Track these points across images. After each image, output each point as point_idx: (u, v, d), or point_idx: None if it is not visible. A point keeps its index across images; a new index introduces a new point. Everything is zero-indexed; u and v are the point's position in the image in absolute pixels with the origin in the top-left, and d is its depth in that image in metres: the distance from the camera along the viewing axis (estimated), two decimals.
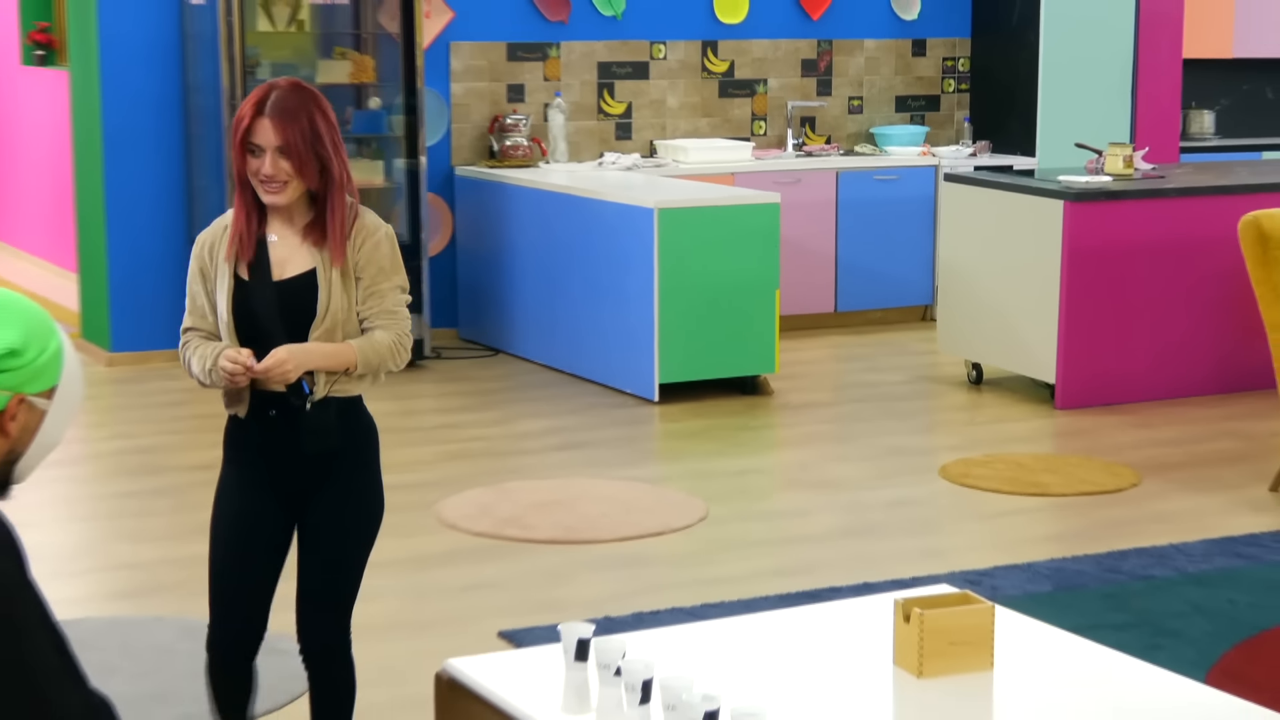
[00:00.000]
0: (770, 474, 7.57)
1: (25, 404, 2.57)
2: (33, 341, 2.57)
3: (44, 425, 2.61)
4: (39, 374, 2.58)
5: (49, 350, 2.59)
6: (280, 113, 3.87)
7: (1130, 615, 5.60)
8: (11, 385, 2.55)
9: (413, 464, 7.53)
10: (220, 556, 4.05)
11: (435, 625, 5.55)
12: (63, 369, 2.62)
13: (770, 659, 3.82)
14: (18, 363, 2.55)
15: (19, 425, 2.58)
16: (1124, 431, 8.19)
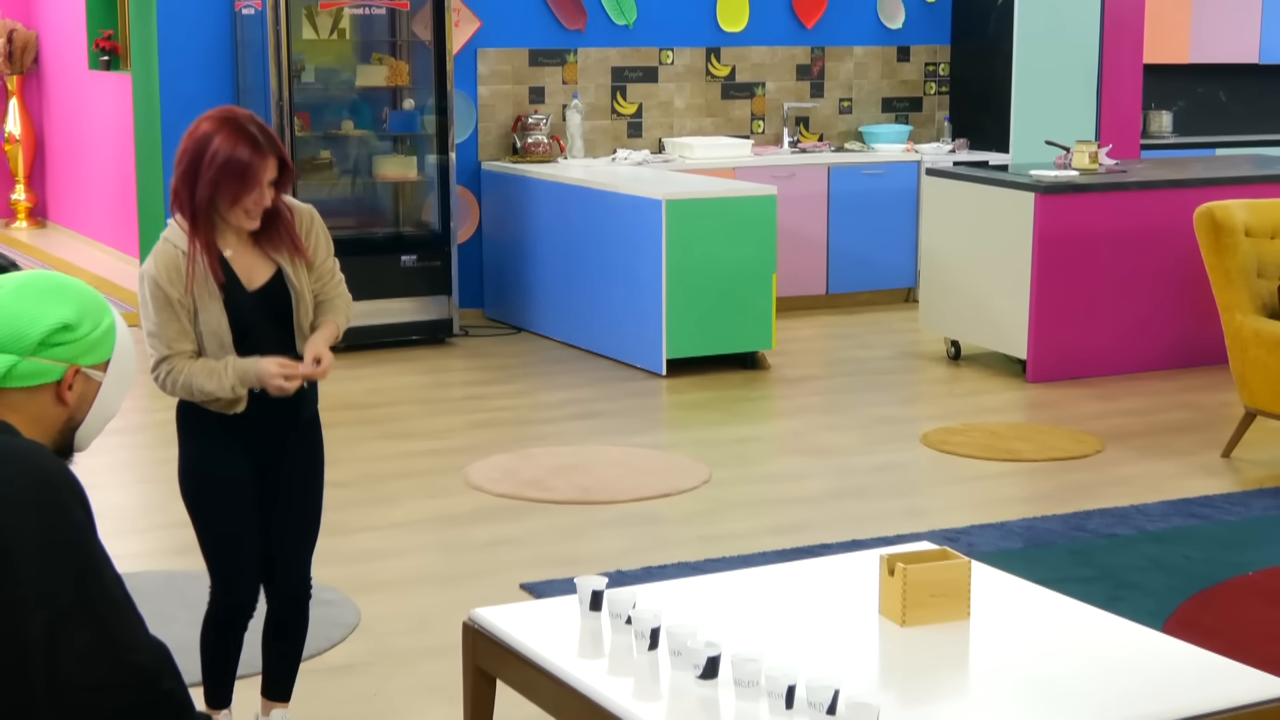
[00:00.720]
0: (768, 441, 7.56)
1: (81, 375, 2.59)
2: (86, 318, 2.60)
3: (100, 396, 2.63)
4: (93, 347, 2.60)
5: (102, 326, 2.62)
6: (274, 147, 3.81)
7: (1094, 569, 5.58)
8: (67, 357, 2.57)
9: (443, 432, 7.52)
10: (226, 523, 3.93)
11: (463, 578, 5.54)
12: (116, 344, 2.64)
13: (767, 609, 3.81)
14: (72, 336, 2.57)
15: (76, 395, 2.60)
16: (1089, 403, 8.17)
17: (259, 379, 3.82)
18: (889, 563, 3.68)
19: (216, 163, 3.78)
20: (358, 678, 4.71)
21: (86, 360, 2.60)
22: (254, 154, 3.78)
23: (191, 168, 3.82)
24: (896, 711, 3.18)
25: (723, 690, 3.28)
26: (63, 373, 2.57)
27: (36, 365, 2.55)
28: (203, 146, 3.80)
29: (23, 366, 2.54)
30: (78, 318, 2.59)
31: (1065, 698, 3.30)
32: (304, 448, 4.02)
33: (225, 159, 3.78)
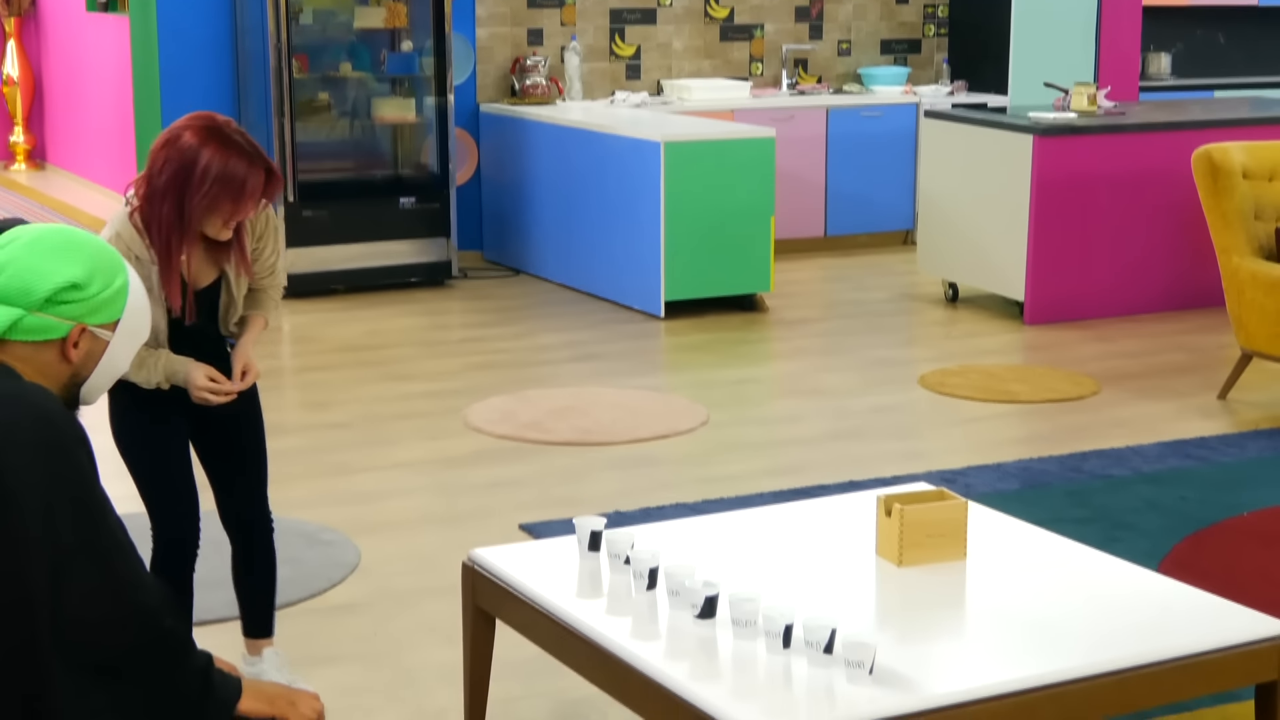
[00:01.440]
0: (765, 383, 7.56)
1: (88, 334, 2.59)
2: (97, 277, 2.59)
3: (107, 354, 2.63)
4: (101, 307, 2.60)
5: (113, 286, 2.61)
6: (262, 158, 3.74)
7: (1090, 510, 5.60)
8: (74, 315, 2.57)
9: (442, 374, 7.53)
10: (156, 459, 3.91)
11: (462, 519, 5.56)
12: (127, 304, 2.63)
13: (765, 549, 3.82)
14: (80, 295, 2.57)
15: (82, 353, 2.59)
16: (1086, 345, 8.17)
17: (185, 383, 3.81)
18: (886, 503, 3.69)
19: (210, 177, 3.65)
20: (358, 617, 4.72)
21: (94, 319, 2.60)
22: (249, 168, 3.69)
23: (178, 182, 3.68)
24: (893, 651, 3.20)
25: (720, 630, 3.30)
26: (68, 330, 2.57)
27: (42, 321, 2.55)
28: (190, 160, 3.66)
29: (28, 321, 2.54)
30: (87, 277, 2.58)
31: (1061, 637, 3.32)
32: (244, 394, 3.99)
33: (220, 174, 3.66)
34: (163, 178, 3.70)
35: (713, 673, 3.14)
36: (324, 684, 4.24)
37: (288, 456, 6.14)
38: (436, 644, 4.50)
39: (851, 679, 3.05)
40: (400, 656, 4.45)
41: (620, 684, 3.26)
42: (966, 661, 3.23)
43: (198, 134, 3.70)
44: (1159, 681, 3.25)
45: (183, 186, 3.69)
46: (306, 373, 7.61)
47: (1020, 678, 3.13)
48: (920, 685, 3.07)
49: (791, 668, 3.13)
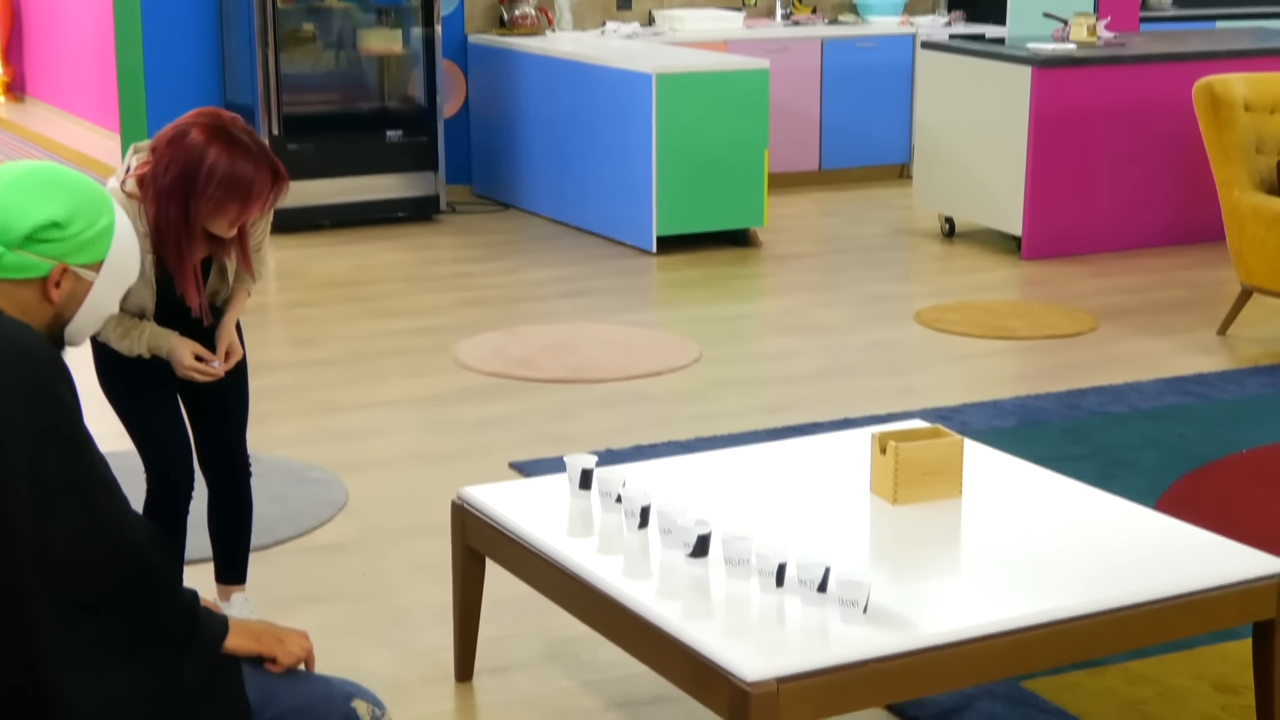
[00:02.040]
0: (759, 319, 7.56)
1: (70, 274, 2.57)
2: (79, 216, 2.56)
3: (91, 295, 2.60)
4: (84, 247, 2.57)
5: (96, 226, 2.58)
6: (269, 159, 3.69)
7: (1088, 448, 5.61)
8: (55, 254, 2.55)
9: (431, 310, 7.52)
10: (145, 403, 3.92)
11: (451, 457, 5.56)
12: (112, 245, 2.60)
13: (757, 487, 3.83)
14: (60, 234, 2.54)
15: (64, 293, 2.57)
16: (1084, 280, 8.16)
17: (170, 358, 3.81)
18: (881, 441, 3.70)
19: (216, 179, 3.61)
20: (346, 557, 4.74)
21: (76, 259, 2.57)
22: (256, 170, 3.64)
23: (184, 183, 3.63)
24: (887, 589, 3.21)
25: (713, 569, 3.31)
26: (49, 269, 2.55)
27: (21, 259, 2.53)
28: (196, 160, 3.61)
29: (7, 259, 2.52)
30: (69, 216, 2.55)
31: (1057, 575, 3.33)
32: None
33: (226, 176, 3.61)
34: (168, 177, 3.65)
35: (705, 612, 3.15)
36: (312, 623, 4.25)
37: (274, 394, 6.14)
38: (426, 583, 4.51)
39: (845, 618, 3.06)
40: (389, 596, 4.46)
41: (611, 623, 3.27)
42: (962, 600, 3.24)
43: (204, 132, 3.64)
44: (1156, 620, 3.27)
45: (188, 188, 3.63)
46: (292, 309, 7.60)
47: (1016, 616, 3.14)
48: (915, 624, 3.08)
49: (785, 607, 3.14)
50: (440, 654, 4.07)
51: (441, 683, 3.96)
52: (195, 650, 2.53)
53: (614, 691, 3.91)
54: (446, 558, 4.25)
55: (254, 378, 4.16)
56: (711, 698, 2.98)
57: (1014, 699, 3.78)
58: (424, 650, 4.13)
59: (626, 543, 3.48)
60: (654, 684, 3.90)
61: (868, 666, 2.98)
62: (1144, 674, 3.93)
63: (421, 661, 4.07)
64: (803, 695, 2.92)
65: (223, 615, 2.61)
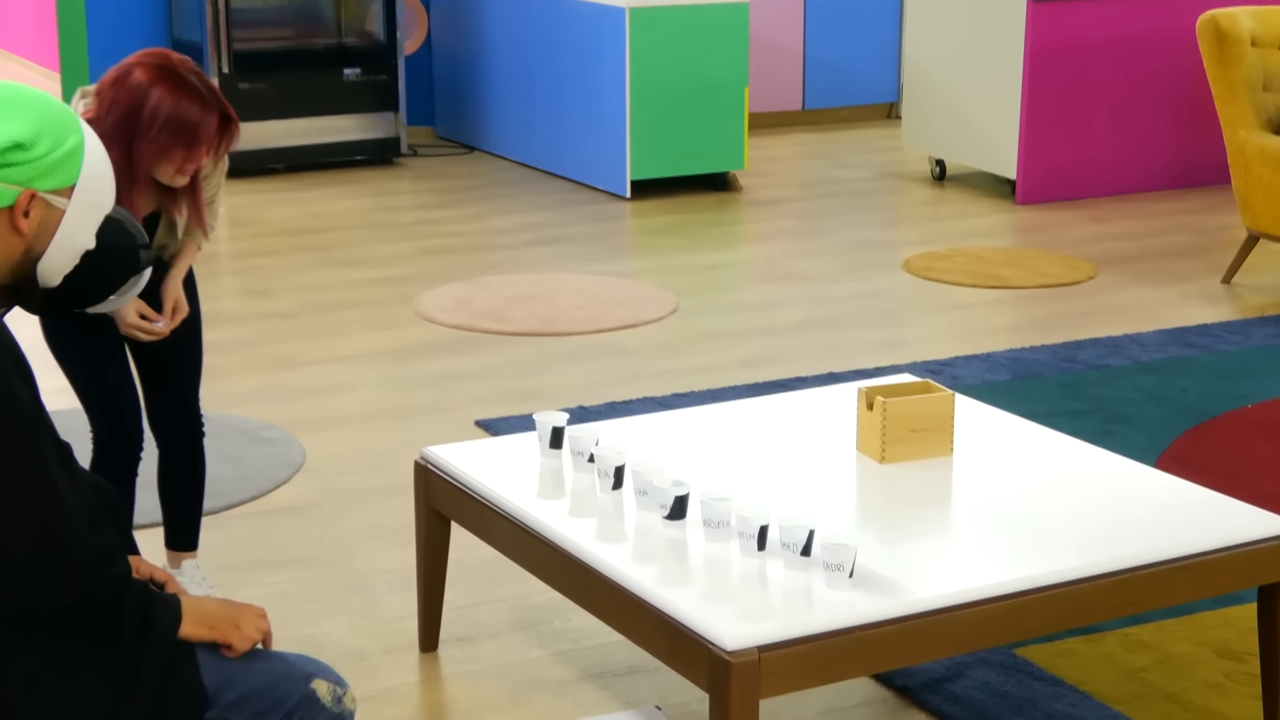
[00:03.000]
0: (739, 268, 7.55)
1: (39, 200, 2.44)
2: (45, 135, 2.44)
3: (64, 225, 2.47)
4: (52, 170, 2.44)
5: (64, 146, 2.45)
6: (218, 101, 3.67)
7: (1085, 403, 5.63)
8: (20, 180, 2.42)
9: (391, 259, 7.50)
10: (91, 358, 3.91)
11: (414, 414, 5.56)
12: (83, 167, 2.47)
13: (738, 446, 3.83)
14: (25, 156, 2.41)
15: (34, 223, 2.44)
16: (1081, 226, 8.17)
17: (113, 314, 3.79)
18: (868, 396, 3.70)
19: (160, 120, 3.59)
20: (304, 520, 4.74)
21: (45, 184, 2.43)
22: (203, 112, 3.62)
23: (127, 125, 3.62)
24: (875, 551, 3.22)
25: (691, 531, 3.31)
26: (16, 196, 2.41)
27: None
28: (139, 101, 3.60)
29: None
30: (34, 135, 2.42)
31: (1052, 536, 3.34)
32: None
33: (170, 117, 3.60)
34: (110, 119, 3.63)
35: (683, 577, 3.16)
36: (268, 590, 4.26)
37: (226, 348, 6.13)
38: (388, 547, 4.52)
39: (830, 582, 3.07)
40: (349, 561, 4.46)
41: (584, 589, 3.28)
42: (953, 563, 3.25)
43: (149, 72, 3.62)
44: (1156, 583, 3.28)
45: (131, 130, 3.62)
46: (245, 258, 7.57)
47: (1009, 580, 3.15)
48: (903, 588, 3.09)
49: (767, 571, 3.15)
50: (403, 623, 4.08)
51: (405, 653, 3.96)
52: (150, 648, 2.49)
53: (587, 661, 3.92)
54: (409, 521, 4.25)
55: (206, 331, 4.15)
56: (690, 667, 2.99)
57: (1007, 667, 3.80)
58: (386, 619, 4.13)
59: (600, 504, 3.48)
60: (629, 653, 3.91)
61: (854, 634, 2.99)
62: (1143, 640, 3.95)
63: (384, 631, 4.07)
64: (786, 664, 2.93)
65: (175, 600, 2.57)
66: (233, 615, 2.59)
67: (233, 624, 2.58)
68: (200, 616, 2.56)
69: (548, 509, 3.47)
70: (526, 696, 3.77)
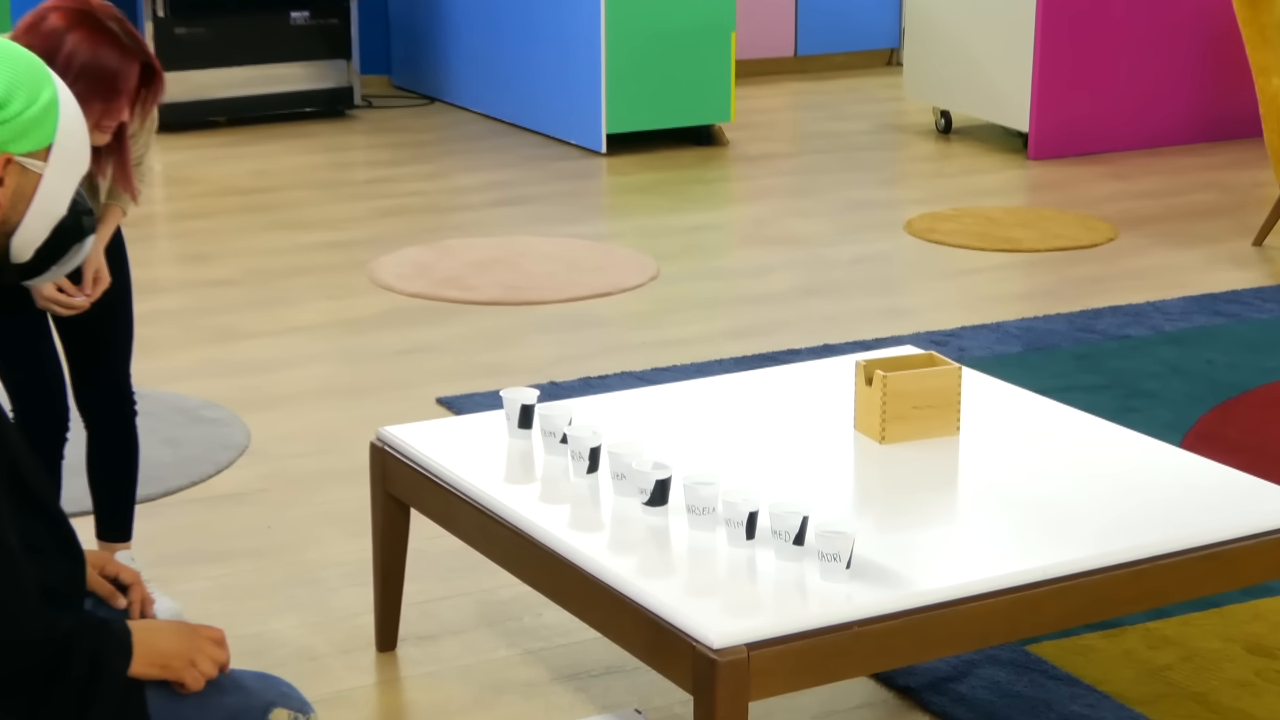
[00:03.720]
0: (725, 230, 7.55)
1: (14, 165, 2.34)
2: (19, 92, 2.34)
3: (41, 189, 2.38)
4: (28, 130, 2.34)
5: (39, 102, 2.36)
6: (140, 50, 3.63)
7: (1104, 376, 5.64)
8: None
9: (343, 221, 7.49)
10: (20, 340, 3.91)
11: (369, 391, 5.56)
12: (59, 125, 2.38)
13: (725, 425, 3.83)
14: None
15: (9, 191, 2.35)
16: (1100, 183, 8.18)
17: (31, 286, 3.78)
18: (866, 370, 3.71)
19: (75, 69, 3.54)
20: (248, 508, 4.73)
21: (20, 146, 2.33)
22: (122, 60, 3.59)
23: None
24: (874, 540, 3.22)
25: (673, 518, 3.32)
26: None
27: None
28: (54, 45, 3.55)
29: None
30: (6, 92, 2.31)
31: (1068, 522, 3.35)
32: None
33: (86, 65, 3.55)
34: None
35: (664, 568, 3.16)
36: (209, 585, 4.26)
37: (163, 320, 6.11)
38: (340, 538, 4.52)
39: (826, 574, 3.08)
40: (299, 552, 4.46)
41: (556, 582, 3.28)
42: (959, 552, 3.25)
43: (65, 16, 3.59)
44: (1181, 573, 3.29)
45: None
46: (182, 220, 7.56)
47: (1021, 570, 3.16)
48: (905, 580, 3.10)
49: (756, 561, 3.15)
50: (358, 619, 4.08)
51: (360, 652, 3.97)
52: (100, 691, 2.44)
53: (559, 661, 3.93)
54: (364, 508, 4.25)
55: (139, 300, 4.14)
56: (672, 667, 2.99)
57: (1019, 665, 3.81)
58: (339, 615, 4.13)
59: (573, 489, 3.48)
60: (606, 652, 3.92)
61: (852, 630, 3.00)
62: (1167, 636, 3.97)
63: (337, 628, 4.08)
64: (777, 663, 2.94)
65: (125, 636, 2.50)
66: (187, 649, 2.53)
67: (187, 660, 2.53)
68: (152, 653, 2.50)
69: (516, 494, 3.47)
70: (494, 699, 3.77)
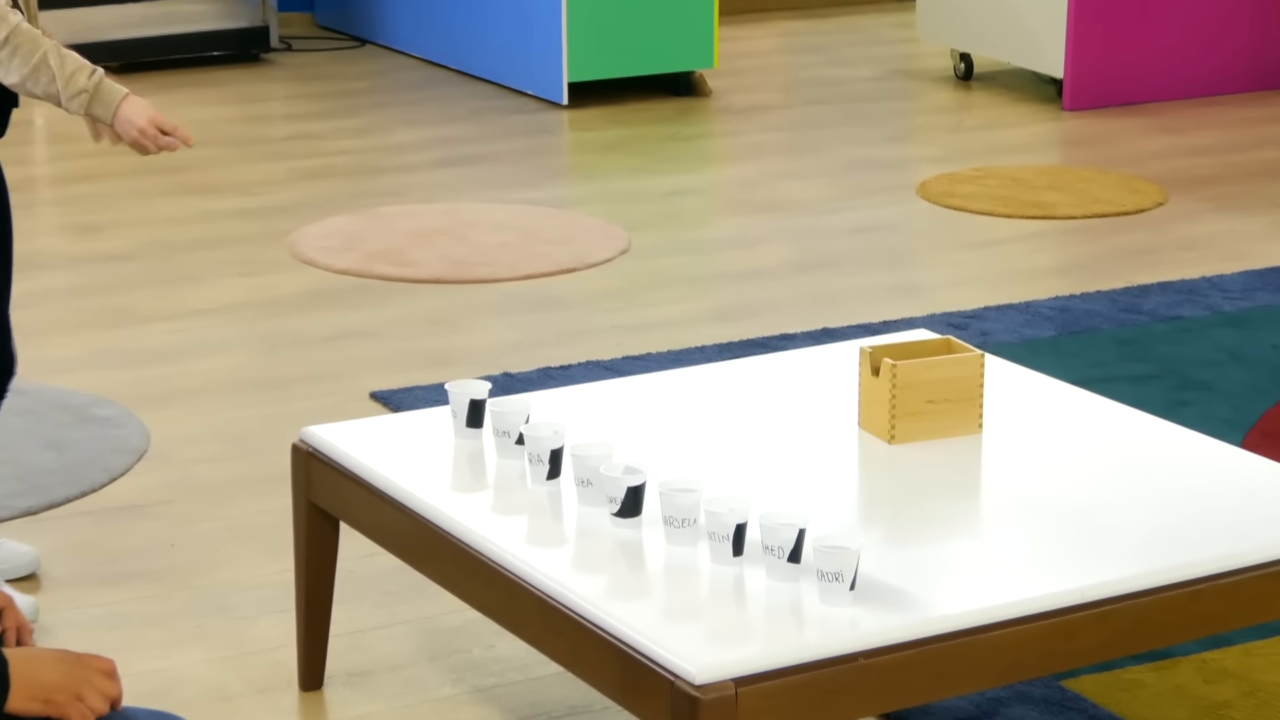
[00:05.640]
0: (707, 194, 7.56)
1: None
2: None
3: None
4: None
5: None
6: None
7: (1152, 365, 5.65)
8: None
9: (259, 184, 7.47)
10: None
11: (291, 385, 5.55)
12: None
13: (708, 422, 3.84)
14: None
15: None
16: (1146, 138, 8.20)
17: None
18: (873, 358, 3.71)
19: None
20: (148, 522, 4.72)
21: None
22: None
23: None
24: (882, 556, 3.23)
25: (648, 531, 3.32)
26: None
27: None
28: None
29: None
30: None
31: (1110, 535, 3.36)
32: None
33: None
34: None
35: (638, 589, 3.17)
36: (101, 613, 4.25)
37: (45, 301, 6.10)
38: (257, 556, 4.52)
39: (826, 596, 3.08)
40: (207, 575, 4.46)
41: (512, 607, 3.28)
42: (982, 570, 3.26)
43: None
44: (1243, 595, 3.30)
45: None
46: (69, 184, 7.54)
47: (1055, 592, 3.17)
48: (919, 603, 3.10)
49: (745, 582, 3.15)
50: (278, 653, 4.08)
51: (280, 692, 3.97)
52: None
53: (515, 700, 3.93)
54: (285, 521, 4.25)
55: (19, 278, 4.14)
56: (647, 706, 2.99)
57: (1053, 703, 3.83)
58: (256, 649, 4.13)
59: (531, 498, 3.48)
60: (570, 689, 3.92)
61: (857, 662, 3.00)
62: (1226, 668, 3.98)
63: (253, 664, 4.08)
64: (769, 701, 2.94)
65: (2, 665, 2.54)
66: (73, 682, 2.55)
67: (72, 694, 2.54)
68: (33, 687, 2.52)
69: (464, 505, 3.47)
70: None
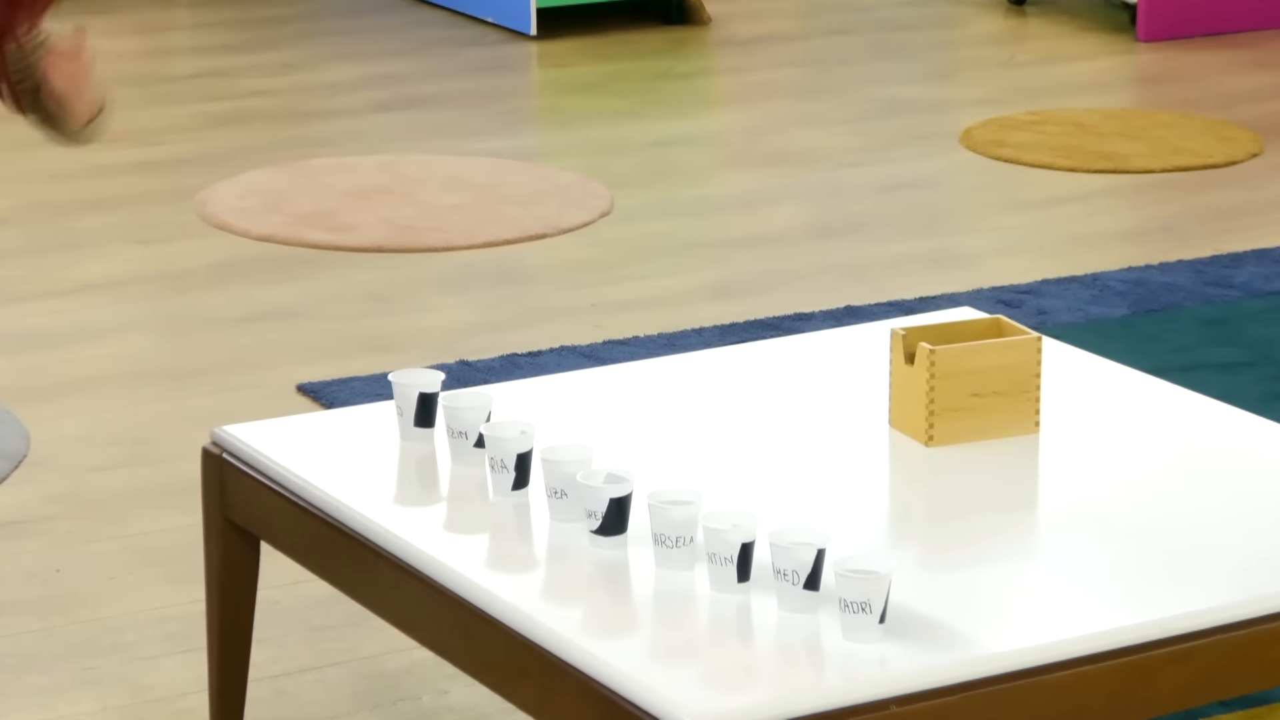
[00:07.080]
0: (705, 145, 7.56)
1: None
2: None
3: None
4: None
5: None
6: None
7: (1245, 350, 5.66)
8: None
9: (162, 132, 7.47)
10: None
11: (200, 375, 5.56)
12: None
13: (706, 420, 3.85)
14: None
15: None
16: (1236, 74, 8.21)
17: None
18: (907, 342, 3.72)
19: None
20: (27, 541, 4.73)
21: None
22: None
23: None
24: (918, 582, 3.24)
25: (634, 552, 3.33)
26: None
27: None
28: None
29: None
30: None
31: (1194, 557, 3.37)
32: None
33: None
34: None
35: (622, 622, 3.18)
36: None
37: None
38: (159, 584, 4.52)
39: (850, 631, 3.09)
40: (100, 605, 4.46)
41: (469, 644, 3.29)
42: (1039, 600, 3.27)
43: None
44: None
45: None
46: None
47: (1128, 625, 3.18)
48: (962, 639, 3.11)
49: (752, 612, 3.16)
50: (185, 701, 4.09)
51: None
52: None
53: None
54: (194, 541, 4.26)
55: None
56: None
57: None
58: (157, 695, 4.14)
59: (493, 513, 3.49)
60: None
61: (889, 710, 3.01)
62: None
63: (154, 715, 4.08)
64: None
65: None
66: None
67: None
68: None
69: (412, 520, 3.47)
70: None
